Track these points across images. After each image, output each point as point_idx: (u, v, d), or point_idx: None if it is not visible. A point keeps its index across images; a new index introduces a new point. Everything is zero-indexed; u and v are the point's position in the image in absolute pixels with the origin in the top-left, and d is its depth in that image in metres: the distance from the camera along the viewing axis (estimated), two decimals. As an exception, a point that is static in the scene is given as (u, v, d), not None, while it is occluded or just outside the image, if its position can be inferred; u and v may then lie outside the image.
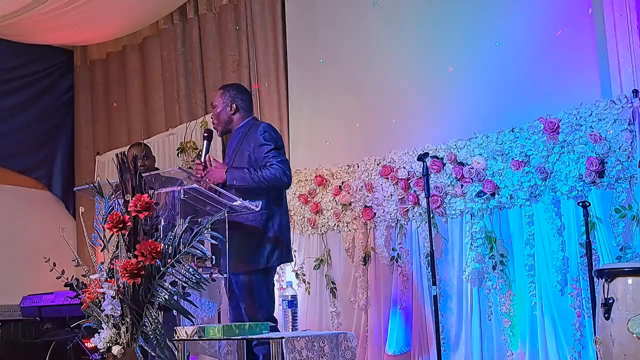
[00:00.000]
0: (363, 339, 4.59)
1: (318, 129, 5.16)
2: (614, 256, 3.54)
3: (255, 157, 3.67)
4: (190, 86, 6.13)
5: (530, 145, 3.91)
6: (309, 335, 2.97)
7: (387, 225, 4.58)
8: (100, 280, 2.59)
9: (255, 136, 3.71)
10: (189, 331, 2.93)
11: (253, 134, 3.74)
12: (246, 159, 3.69)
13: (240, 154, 3.73)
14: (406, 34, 4.74)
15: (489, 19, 4.33)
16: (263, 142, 3.67)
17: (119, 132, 6.79)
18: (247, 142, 3.74)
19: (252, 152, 3.69)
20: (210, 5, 6.04)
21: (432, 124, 4.52)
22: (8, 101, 6.65)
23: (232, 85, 4.09)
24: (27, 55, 6.79)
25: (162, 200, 3.13)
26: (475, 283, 4.13)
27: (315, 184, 4.95)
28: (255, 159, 3.67)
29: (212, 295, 4.35)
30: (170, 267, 2.56)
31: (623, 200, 3.56)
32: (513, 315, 3.99)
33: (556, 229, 3.80)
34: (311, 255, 4.97)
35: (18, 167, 6.73)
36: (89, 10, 5.80)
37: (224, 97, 3.87)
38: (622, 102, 3.60)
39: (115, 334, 2.54)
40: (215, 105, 3.89)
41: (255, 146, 3.69)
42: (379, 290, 4.61)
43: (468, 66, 4.39)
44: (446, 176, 4.28)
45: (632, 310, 2.79)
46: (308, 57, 5.31)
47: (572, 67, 3.92)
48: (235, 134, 3.85)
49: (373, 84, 4.88)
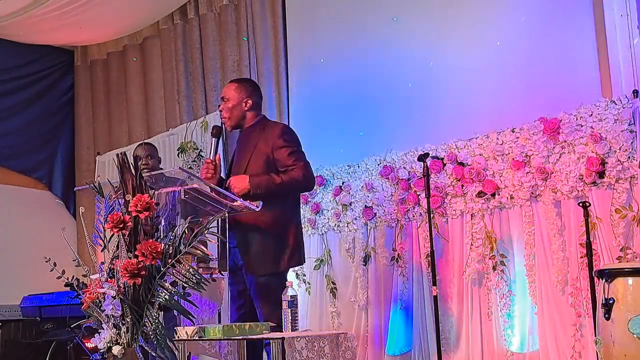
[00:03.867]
0: (363, 339, 4.59)
1: (318, 128, 5.16)
2: (614, 256, 3.54)
3: (275, 159, 3.57)
4: (191, 86, 6.14)
5: (531, 145, 3.91)
6: (309, 335, 2.97)
7: (387, 225, 4.58)
8: (101, 280, 2.59)
9: (273, 137, 3.60)
10: (190, 331, 2.93)
11: (270, 134, 3.62)
12: (264, 160, 3.57)
13: (257, 155, 3.60)
14: (406, 34, 4.74)
15: (489, 19, 4.34)
16: (283, 144, 3.56)
17: (119, 132, 6.79)
18: (264, 142, 3.61)
19: (271, 153, 3.57)
20: (210, 5, 6.04)
21: (432, 124, 4.52)
22: (8, 101, 6.66)
23: (248, 80, 3.98)
24: (27, 55, 6.80)
25: (163, 200, 3.13)
26: (475, 283, 4.14)
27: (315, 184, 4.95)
28: (275, 161, 3.57)
29: (213, 295, 4.35)
30: (171, 267, 2.56)
31: (623, 201, 3.56)
32: (513, 315, 3.99)
33: (556, 229, 3.80)
34: (311, 255, 4.96)
35: (18, 167, 6.74)
36: (89, 10, 5.81)
37: (240, 92, 3.70)
38: (623, 102, 3.60)
39: (115, 334, 2.54)
40: (229, 99, 3.71)
41: (274, 148, 3.57)
42: (379, 290, 4.61)
43: (468, 66, 4.39)
44: (446, 176, 4.28)
45: (632, 311, 2.79)
46: (308, 57, 5.31)
47: (573, 67, 3.92)
48: (247, 132, 3.72)
49: (373, 83, 4.88)
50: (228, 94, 3.73)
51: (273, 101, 5.47)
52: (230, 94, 3.72)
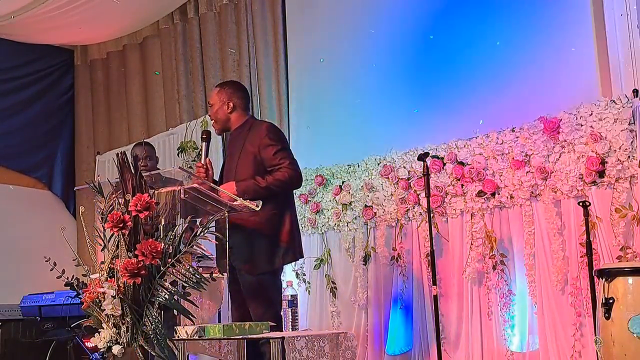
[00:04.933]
0: (363, 338, 4.59)
1: (318, 128, 5.16)
2: (614, 256, 3.54)
3: (262, 158, 3.64)
4: (191, 86, 6.14)
5: (531, 145, 3.91)
6: (309, 334, 2.97)
7: (387, 225, 4.58)
8: (101, 280, 2.59)
9: (259, 136, 3.67)
10: (189, 331, 2.93)
11: (256, 133, 3.70)
12: (251, 159, 3.65)
13: (244, 156, 3.68)
14: (406, 34, 4.74)
15: (489, 19, 4.34)
16: (269, 143, 3.63)
17: (119, 132, 6.79)
18: (250, 142, 3.69)
19: (258, 152, 3.65)
20: (210, 5, 6.04)
21: (432, 123, 4.52)
22: (8, 101, 6.65)
23: (228, 83, 4.06)
24: (27, 55, 6.79)
25: (163, 199, 3.13)
26: (475, 283, 4.14)
27: (315, 184, 4.95)
28: (262, 160, 3.64)
29: (212, 295, 4.35)
30: (171, 266, 2.56)
31: (623, 200, 3.56)
32: (513, 315, 3.99)
33: (556, 228, 3.80)
34: (311, 255, 4.96)
35: (18, 167, 6.73)
36: (89, 10, 5.80)
37: (220, 95, 3.82)
38: (623, 102, 3.60)
39: (115, 334, 2.54)
40: (212, 104, 3.84)
41: (261, 147, 3.64)
42: (379, 290, 4.61)
43: (468, 66, 4.39)
44: (446, 176, 4.28)
45: (632, 310, 2.80)
46: (308, 57, 5.31)
47: (572, 66, 3.92)
48: (236, 134, 3.82)
49: (373, 83, 4.88)
50: (212, 99, 3.87)
51: (273, 101, 5.47)
52: (213, 99, 3.85)
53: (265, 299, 3.54)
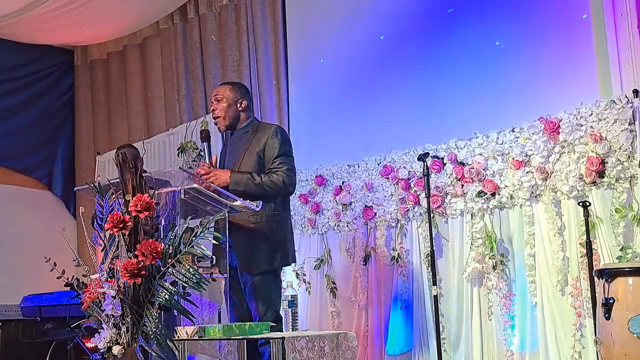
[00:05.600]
0: (363, 338, 4.59)
1: (318, 128, 5.16)
2: (614, 256, 3.54)
3: (265, 157, 3.65)
4: (191, 86, 6.14)
5: (531, 145, 3.91)
6: (309, 335, 2.97)
7: (387, 225, 4.58)
8: (101, 280, 2.59)
9: (266, 136, 3.68)
10: (190, 331, 2.93)
11: (263, 134, 3.70)
12: (255, 158, 3.65)
13: (249, 153, 3.68)
14: (406, 34, 4.75)
15: (489, 19, 4.34)
16: (274, 144, 3.65)
17: (119, 132, 6.79)
18: (257, 141, 3.69)
19: (262, 151, 3.65)
20: (210, 5, 6.04)
21: (432, 124, 4.52)
22: (8, 101, 6.65)
23: (240, 84, 4.07)
24: (27, 55, 6.79)
25: (163, 200, 3.13)
26: (475, 283, 4.14)
27: (315, 184, 4.95)
28: (264, 159, 3.65)
29: (213, 295, 4.35)
30: (171, 267, 2.56)
31: (623, 200, 3.56)
32: (513, 315, 3.99)
33: (556, 228, 3.80)
34: (311, 255, 4.96)
35: (18, 167, 6.73)
36: (89, 10, 5.81)
37: (235, 93, 3.78)
38: (623, 102, 3.60)
39: (115, 334, 2.54)
40: (223, 98, 3.77)
41: (267, 147, 3.65)
42: (379, 290, 4.61)
43: (468, 66, 4.39)
44: (446, 176, 4.28)
45: (633, 310, 2.79)
46: (308, 57, 5.31)
47: (572, 67, 3.92)
48: (239, 133, 3.79)
49: (373, 83, 4.88)
50: (223, 93, 3.78)
51: (273, 101, 5.47)
52: (225, 94, 3.78)
53: (266, 298, 3.54)
